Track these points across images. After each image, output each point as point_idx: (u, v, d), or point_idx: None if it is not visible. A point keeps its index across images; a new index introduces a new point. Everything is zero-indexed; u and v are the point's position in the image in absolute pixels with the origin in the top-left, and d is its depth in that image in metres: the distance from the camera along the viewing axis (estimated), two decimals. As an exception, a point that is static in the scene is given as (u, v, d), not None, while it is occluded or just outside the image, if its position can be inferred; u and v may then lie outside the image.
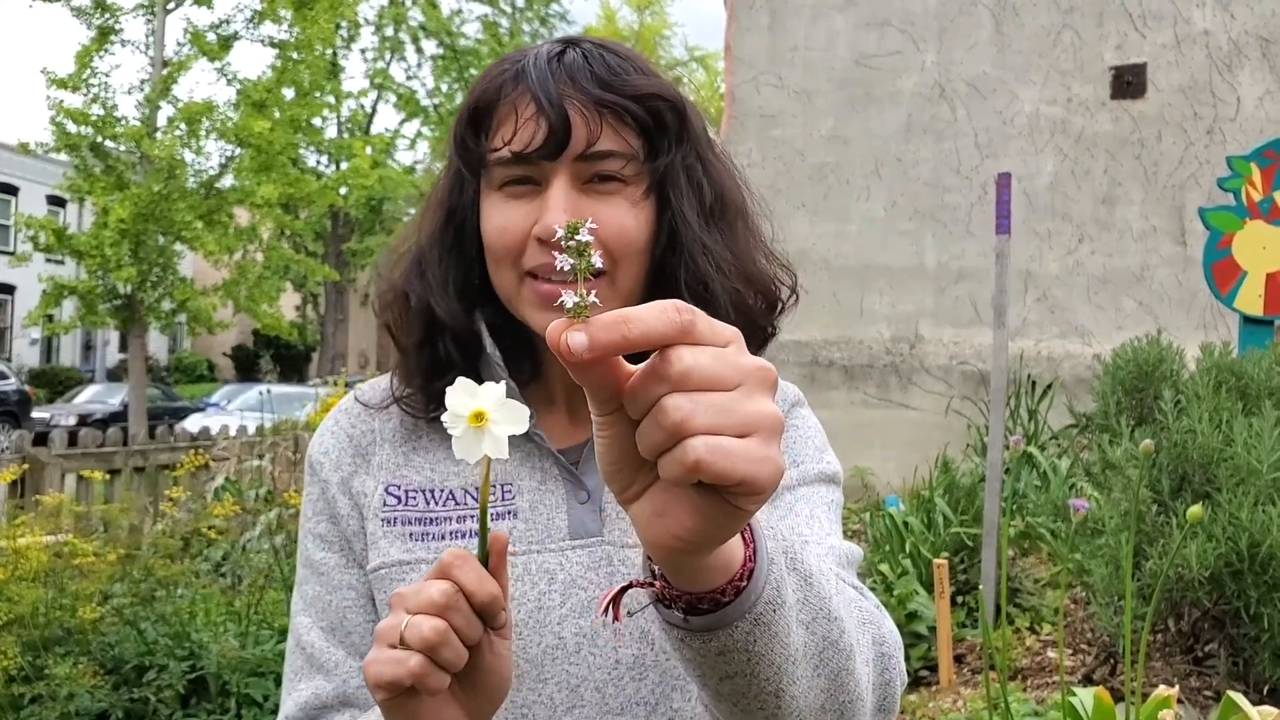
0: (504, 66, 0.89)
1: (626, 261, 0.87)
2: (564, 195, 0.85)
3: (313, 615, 0.92)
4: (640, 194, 0.88)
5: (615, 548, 0.89)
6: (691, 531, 0.55)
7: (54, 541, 3.27)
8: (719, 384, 0.52)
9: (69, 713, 2.78)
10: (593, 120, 0.85)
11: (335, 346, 29.06)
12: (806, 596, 0.68)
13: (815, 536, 0.89)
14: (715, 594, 0.61)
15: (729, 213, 0.93)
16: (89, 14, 12.40)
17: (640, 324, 0.51)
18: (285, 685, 0.93)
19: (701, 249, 0.89)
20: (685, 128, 0.90)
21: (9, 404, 19.18)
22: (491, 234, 0.88)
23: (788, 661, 0.66)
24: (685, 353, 0.51)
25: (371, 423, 0.96)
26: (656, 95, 0.88)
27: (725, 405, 0.51)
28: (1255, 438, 2.87)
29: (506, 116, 0.87)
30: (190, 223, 12.30)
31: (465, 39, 28.10)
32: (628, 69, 0.88)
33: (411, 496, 0.91)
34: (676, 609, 0.63)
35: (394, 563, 0.89)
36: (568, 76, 0.86)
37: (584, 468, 0.92)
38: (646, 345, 0.51)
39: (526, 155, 0.85)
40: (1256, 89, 6.54)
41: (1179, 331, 5.81)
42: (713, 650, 0.63)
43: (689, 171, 0.90)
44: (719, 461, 0.50)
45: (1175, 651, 3.27)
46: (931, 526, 4.56)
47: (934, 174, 7.18)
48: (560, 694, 0.85)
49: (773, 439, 0.52)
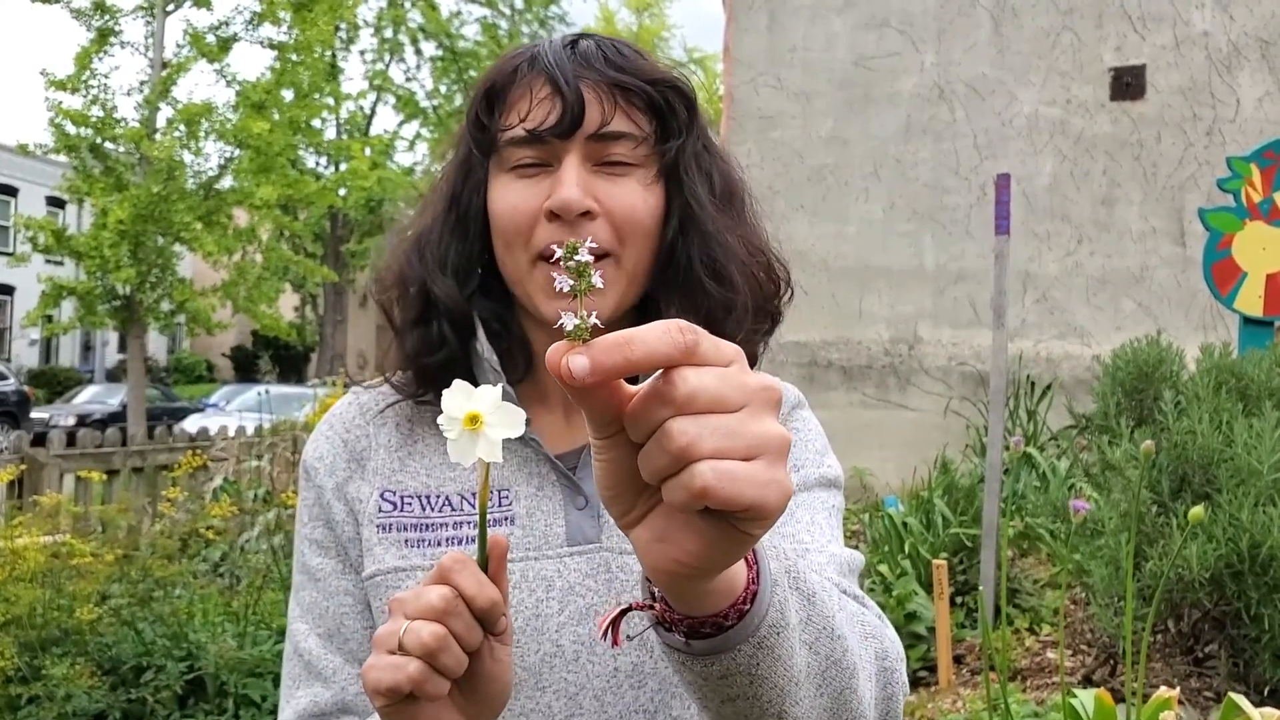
0: (518, 52, 0.91)
1: (634, 242, 0.88)
2: (576, 172, 0.85)
3: (309, 622, 0.91)
4: (651, 176, 0.89)
5: (614, 554, 0.88)
6: (695, 557, 0.53)
7: (52, 542, 3.27)
8: (724, 406, 0.50)
9: (66, 713, 2.77)
10: (606, 101, 0.86)
11: (334, 347, 29.04)
12: (810, 616, 0.68)
13: (816, 544, 0.88)
14: (718, 618, 0.60)
15: (735, 202, 0.95)
16: (88, 16, 12.39)
17: (643, 345, 0.49)
18: (283, 693, 0.92)
19: (715, 228, 0.90)
20: (694, 116, 0.91)
21: (8, 404, 19.18)
22: (502, 213, 0.88)
23: (790, 683, 0.66)
24: (690, 374, 0.50)
25: (367, 428, 0.95)
26: (668, 81, 0.89)
27: (731, 428, 0.50)
28: (1255, 439, 2.87)
29: (520, 97, 0.88)
30: (189, 224, 12.30)
31: (464, 41, 28.11)
32: (638, 56, 0.90)
33: (407, 502, 0.90)
34: (678, 632, 0.62)
35: (390, 569, 0.88)
36: (582, 60, 0.88)
37: (582, 473, 0.91)
38: (649, 367, 0.50)
39: (540, 133, 0.85)
40: (1256, 90, 6.54)
41: (1178, 332, 5.80)
42: (714, 674, 0.62)
43: (698, 159, 0.91)
44: (726, 487, 0.49)
45: (1176, 652, 3.26)
46: (931, 527, 4.56)
47: (933, 175, 7.18)
48: (559, 702, 0.85)
49: (779, 461, 0.51)
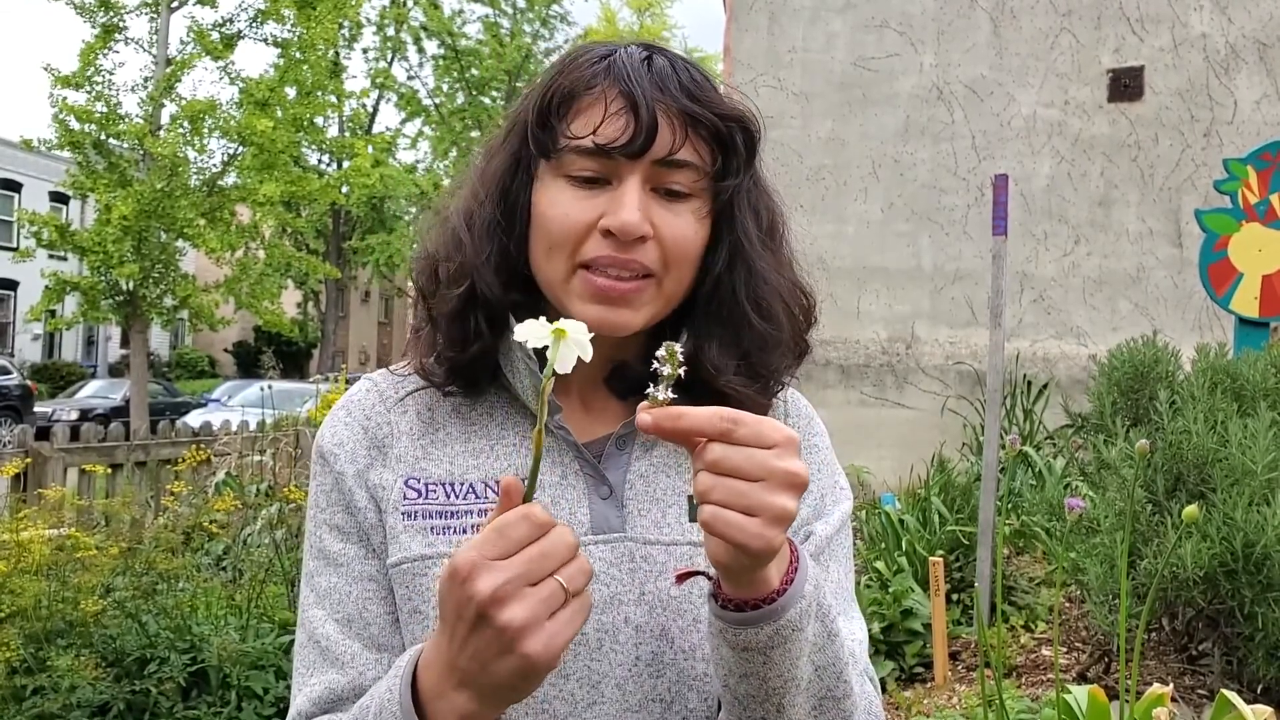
0: (592, 57, 0.89)
1: (678, 269, 0.89)
2: (637, 195, 0.85)
3: (327, 608, 0.90)
4: (705, 209, 0.90)
5: (638, 544, 0.89)
6: (721, 554, 0.72)
7: (56, 535, 3.27)
8: (741, 475, 0.69)
9: (70, 704, 2.78)
10: (678, 128, 0.86)
11: (336, 343, 29.08)
12: (824, 646, 0.80)
13: (842, 612, 0.93)
14: (757, 601, 0.76)
15: (776, 236, 0.96)
16: (93, 12, 12.40)
17: (690, 421, 0.70)
18: (296, 680, 0.90)
19: (764, 266, 0.91)
20: (753, 153, 0.92)
21: (11, 399, 19.20)
22: (553, 220, 0.87)
23: (792, 683, 0.78)
24: (717, 448, 0.69)
25: (387, 415, 0.94)
26: (738, 118, 0.90)
27: (740, 491, 0.69)
28: (1250, 439, 2.89)
29: (592, 106, 0.87)
30: (192, 220, 12.33)
31: (466, 39, 28.10)
32: (710, 87, 0.90)
33: (431, 490, 0.90)
34: (723, 605, 0.77)
35: (416, 557, 0.88)
36: (658, 81, 0.87)
37: (606, 463, 0.92)
38: (692, 435, 0.70)
39: (610, 150, 0.85)
40: (1253, 92, 6.56)
41: (1174, 333, 5.83)
42: (739, 643, 0.76)
43: (749, 193, 0.92)
44: (717, 525, 0.69)
45: (1170, 650, 3.29)
46: (927, 525, 4.58)
47: (931, 175, 7.20)
48: (581, 690, 0.85)
49: (774, 525, 0.69)
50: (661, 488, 0.93)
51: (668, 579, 0.89)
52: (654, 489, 0.92)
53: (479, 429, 0.94)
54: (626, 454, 0.93)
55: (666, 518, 0.91)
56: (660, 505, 0.92)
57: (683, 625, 0.88)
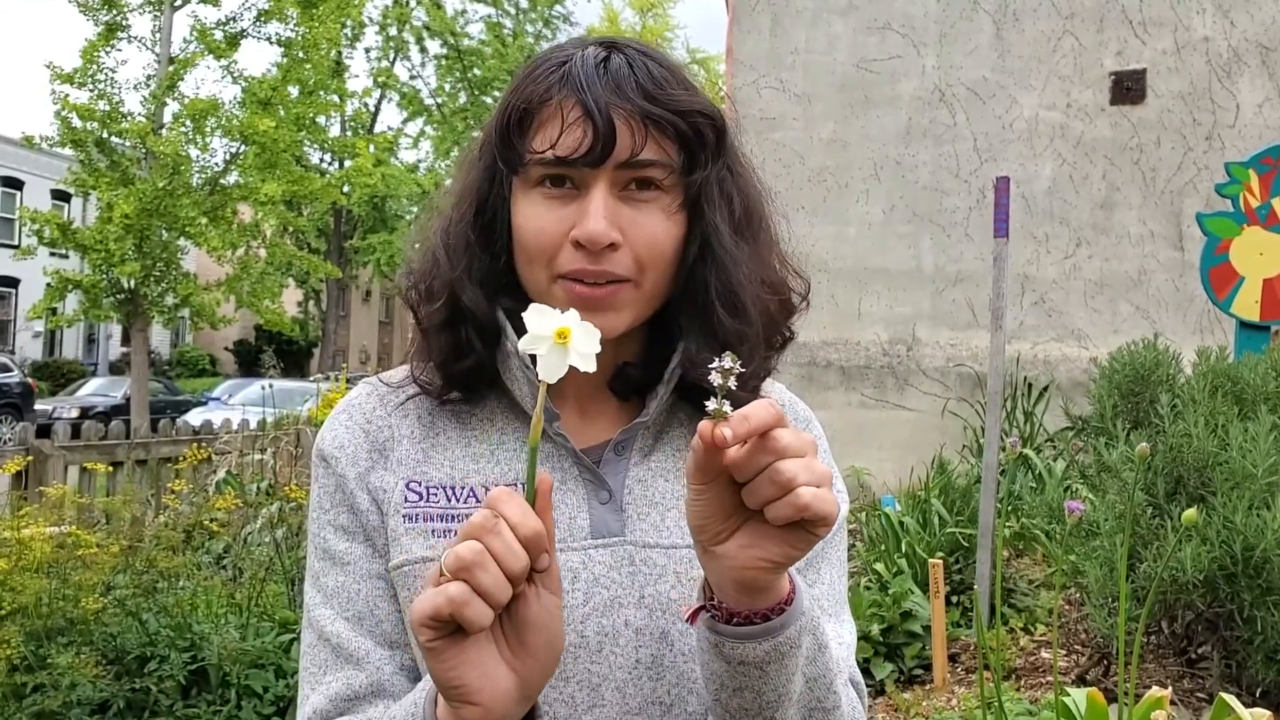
0: (549, 66, 0.89)
1: (655, 268, 0.89)
2: (603, 203, 0.86)
3: (335, 607, 0.90)
4: (675, 205, 0.90)
5: (637, 548, 0.90)
6: (779, 555, 0.72)
7: (57, 533, 3.28)
8: (801, 453, 0.70)
9: (71, 702, 2.79)
10: (638, 131, 0.86)
11: (337, 342, 29.11)
12: (815, 658, 0.82)
13: (833, 615, 0.95)
14: (763, 613, 0.77)
15: (753, 223, 0.95)
16: (96, 9, 12.43)
17: (757, 419, 0.70)
18: (307, 681, 0.90)
19: (732, 260, 0.91)
20: (722, 143, 0.92)
21: (12, 396, 19.21)
22: (527, 234, 0.89)
23: (786, 698, 0.80)
24: (784, 434, 0.70)
25: (388, 419, 0.95)
26: (699, 112, 0.89)
27: (810, 467, 0.70)
28: (1250, 442, 2.89)
29: (550, 119, 0.87)
30: (194, 219, 12.34)
31: (469, 39, 28.11)
32: (671, 81, 0.89)
33: (433, 493, 0.91)
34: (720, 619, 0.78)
35: (417, 559, 0.88)
36: (614, 84, 0.87)
37: (605, 468, 0.92)
38: (761, 431, 0.70)
39: (571, 161, 0.86)
40: (1256, 96, 6.56)
41: (1175, 336, 5.83)
42: (735, 657, 0.77)
43: (721, 184, 0.92)
44: (818, 504, 0.69)
45: (1169, 653, 3.29)
46: (927, 526, 4.58)
47: (933, 177, 7.20)
48: (581, 693, 0.86)
49: (831, 486, 0.72)
50: (660, 492, 0.93)
51: (667, 582, 0.89)
52: (653, 493, 0.93)
53: (479, 434, 0.94)
54: (625, 459, 0.94)
55: (666, 521, 0.92)
56: (659, 509, 0.92)
57: (683, 629, 0.88)
